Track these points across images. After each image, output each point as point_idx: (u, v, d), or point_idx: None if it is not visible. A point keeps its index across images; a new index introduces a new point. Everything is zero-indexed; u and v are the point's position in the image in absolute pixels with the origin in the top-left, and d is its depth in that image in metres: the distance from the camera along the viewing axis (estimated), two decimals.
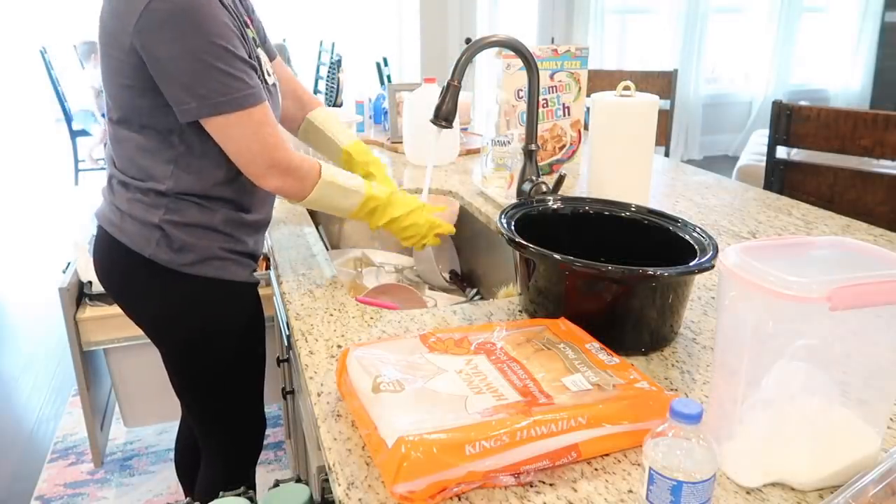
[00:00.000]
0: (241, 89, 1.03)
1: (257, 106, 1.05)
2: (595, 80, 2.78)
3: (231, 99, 1.02)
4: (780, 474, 0.69)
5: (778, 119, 1.99)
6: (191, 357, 1.25)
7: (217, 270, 1.17)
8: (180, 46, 0.98)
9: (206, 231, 1.15)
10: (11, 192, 5.31)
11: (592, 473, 0.71)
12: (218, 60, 1.00)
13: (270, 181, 1.11)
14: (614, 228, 1.11)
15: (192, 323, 1.21)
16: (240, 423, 1.37)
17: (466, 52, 1.30)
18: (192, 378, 1.28)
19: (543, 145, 1.80)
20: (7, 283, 3.72)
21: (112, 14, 1.03)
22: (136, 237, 1.14)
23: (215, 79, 1.00)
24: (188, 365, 1.26)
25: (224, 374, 1.28)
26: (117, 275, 1.21)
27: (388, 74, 4.21)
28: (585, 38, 5.41)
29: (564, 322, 0.91)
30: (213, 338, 1.23)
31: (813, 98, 6.12)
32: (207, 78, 1.00)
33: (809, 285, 0.60)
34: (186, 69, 1.00)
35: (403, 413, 0.69)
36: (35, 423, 2.51)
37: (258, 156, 1.08)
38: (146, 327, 1.26)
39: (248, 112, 1.04)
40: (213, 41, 0.99)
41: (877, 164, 2.58)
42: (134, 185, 1.13)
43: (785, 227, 1.45)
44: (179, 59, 0.99)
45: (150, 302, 1.21)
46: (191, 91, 1.01)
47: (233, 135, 1.06)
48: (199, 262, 1.16)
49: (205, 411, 1.33)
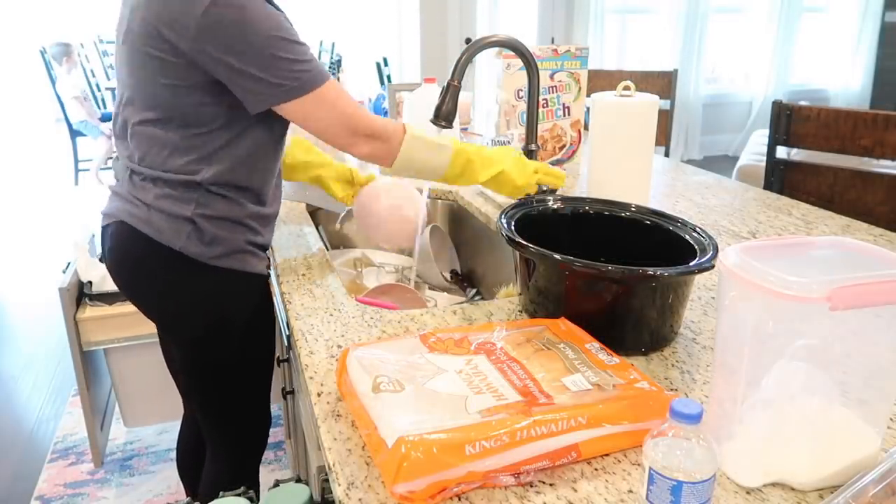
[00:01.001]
0: (309, 71, 1.09)
1: (326, 83, 1.11)
2: (595, 80, 2.78)
3: (302, 83, 1.08)
4: (780, 474, 0.69)
5: (778, 119, 1.99)
6: (206, 349, 1.26)
7: (240, 263, 1.20)
8: (243, 45, 1.04)
9: (233, 224, 1.18)
10: (11, 193, 5.31)
11: (592, 473, 0.71)
12: (280, 50, 1.06)
13: (360, 148, 1.17)
14: (614, 228, 1.11)
15: (211, 315, 1.23)
16: (247, 419, 1.38)
17: (466, 52, 1.30)
18: (205, 371, 1.29)
19: (543, 145, 1.80)
20: (7, 283, 3.73)
21: (159, 15, 1.05)
22: (166, 230, 1.15)
23: (283, 67, 1.06)
24: (202, 357, 1.27)
25: (236, 367, 1.29)
26: (137, 269, 1.22)
27: (388, 74, 4.21)
28: (585, 38, 5.41)
29: (564, 322, 0.91)
30: (229, 329, 1.25)
31: (813, 98, 6.12)
32: (275, 68, 1.06)
33: (809, 285, 0.60)
34: (253, 64, 1.05)
35: (403, 413, 0.69)
36: (35, 423, 2.51)
37: (341, 128, 1.14)
38: (163, 320, 1.27)
39: (320, 91, 1.10)
40: (272, 34, 1.05)
41: (877, 164, 2.58)
42: (163, 180, 1.15)
43: (785, 227, 1.45)
44: (245, 56, 1.05)
45: (172, 295, 1.22)
46: (262, 83, 1.07)
47: (312, 115, 1.12)
48: (226, 255, 1.18)
49: (212, 405, 1.33)
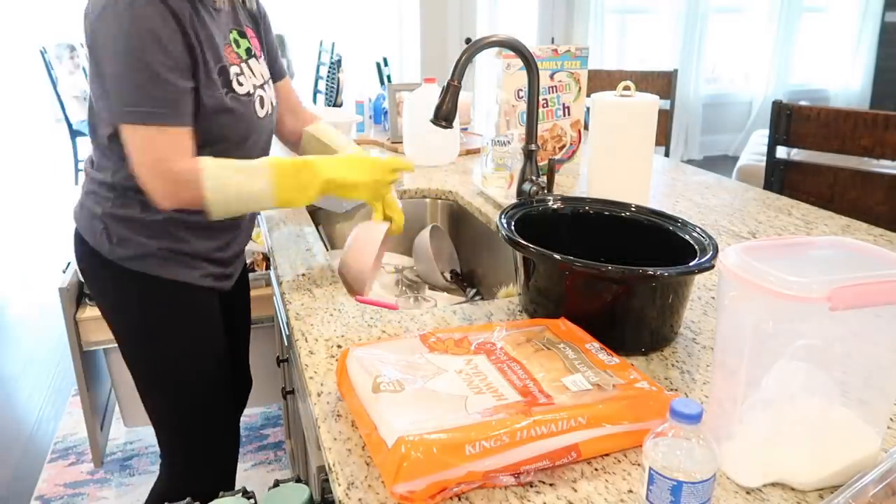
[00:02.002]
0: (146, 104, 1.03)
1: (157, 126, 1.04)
2: (595, 80, 2.78)
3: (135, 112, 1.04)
4: (780, 474, 0.69)
5: (778, 119, 1.99)
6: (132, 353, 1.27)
7: (158, 269, 1.19)
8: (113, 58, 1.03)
9: (145, 228, 1.17)
10: (11, 193, 5.31)
11: (592, 473, 0.71)
12: (136, 73, 1.02)
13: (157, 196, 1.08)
14: (614, 228, 1.11)
15: (128, 318, 1.24)
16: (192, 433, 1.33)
17: (466, 52, 1.30)
18: (137, 376, 1.29)
19: (543, 145, 1.80)
20: (7, 283, 3.72)
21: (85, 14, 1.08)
22: (86, 227, 1.20)
23: (130, 90, 1.03)
24: (131, 361, 1.28)
25: (168, 376, 1.27)
26: (80, 265, 1.28)
27: (388, 74, 4.21)
28: (585, 38, 5.41)
29: (564, 322, 0.91)
30: (149, 336, 1.25)
31: (813, 98, 6.12)
32: (127, 87, 1.03)
33: (809, 285, 0.60)
34: (114, 76, 1.04)
35: (403, 413, 0.69)
36: (35, 423, 2.51)
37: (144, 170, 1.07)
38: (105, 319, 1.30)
39: (145, 128, 1.04)
40: (136, 55, 1.01)
41: (877, 164, 2.58)
42: (91, 179, 1.20)
43: (785, 227, 1.45)
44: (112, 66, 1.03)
45: (99, 295, 1.27)
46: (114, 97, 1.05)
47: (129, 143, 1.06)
48: (139, 258, 1.18)
49: (151, 411, 1.32)
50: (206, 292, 1.26)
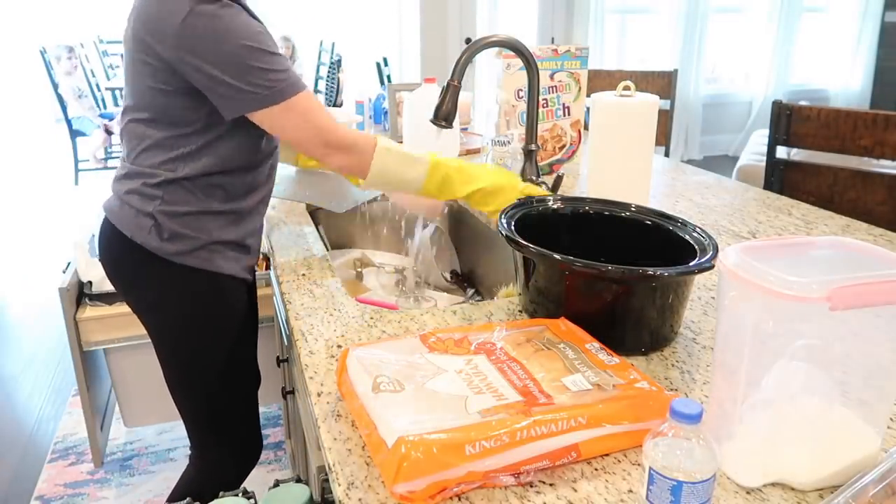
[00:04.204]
0: (282, 81, 1.09)
1: (299, 94, 1.11)
2: (595, 80, 2.78)
3: (273, 92, 1.09)
4: (780, 474, 0.69)
5: (778, 119, 1.99)
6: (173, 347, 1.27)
7: (203, 262, 1.21)
8: (217, 54, 1.06)
9: (196, 220, 1.19)
10: (11, 192, 5.31)
11: (592, 473, 0.71)
12: (253, 60, 1.07)
13: (332, 160, 1.17)
14: (614, 228, 1.11)
15: (173, 312, 1.24)
16: (226, 427, 1.36)
17: (466, 52, 1.30)
18: (173, 370, 1.30)
19: (543, 145, 1.80)
20: (7, 283, 3.72)
21: (144, 24, 1.09)
22: (131, 224, 1.19)
23: (255, 76, 1.07)
24: (170, 356, 1.29)
25: (206, 370, 1.29)
26: (116, 263, 1.26)
27: (388, 74, 4.21)
28: (585, 38, 5.41)
29: (564, 322, 0.91)
30: (193, 329, 1.25)
31: (813, 98, 6.12)
32: (248, 77, 1.07)
33: (809, 285, 0.60)
34: (227, 72, 1.07)
35: (403, 413, 0.69)
36: (35, 423, 2.51)
37: (313, 139, 1.15)
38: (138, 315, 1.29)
39: (291, 102, 1.11)
40: (246, 43, 1.07)
41: (877, 164, 2.58)
42: (138, 175, 1.19)
43: (785, 227, 1.45)
44: (219, 65, 1.06)
45: (139, 289, 1.26)
46: (235, 90, 1.08)
47: (284, 124, 1.12)
48: (187, 253, 1.19)
49: (186, 407, 1.33)
50: (240, 284, 1.29)
